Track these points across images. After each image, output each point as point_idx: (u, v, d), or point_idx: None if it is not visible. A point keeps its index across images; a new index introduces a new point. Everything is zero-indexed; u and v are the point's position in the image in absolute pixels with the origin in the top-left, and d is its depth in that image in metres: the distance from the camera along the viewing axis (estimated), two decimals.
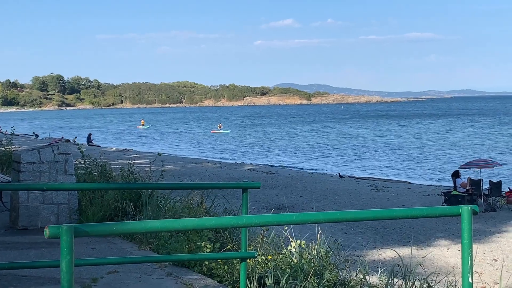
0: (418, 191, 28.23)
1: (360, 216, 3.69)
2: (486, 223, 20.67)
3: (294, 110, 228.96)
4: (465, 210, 3.62)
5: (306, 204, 24.19)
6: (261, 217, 3.38)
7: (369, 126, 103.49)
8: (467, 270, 3.61)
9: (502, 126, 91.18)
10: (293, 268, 6.95)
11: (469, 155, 47.07)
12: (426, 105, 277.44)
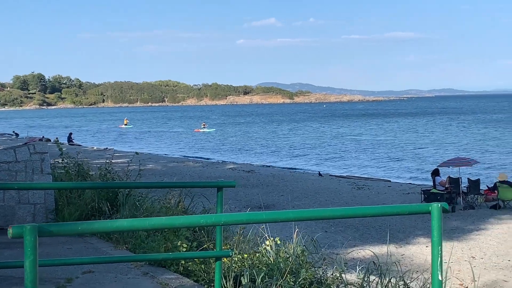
0: (398, 189, 28.37)
1: (330, 214, 3.69)
2: (465, 221, 20.81)
3: (276, 109, 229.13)
4: (434, 208, 3.63)
5: (287, 202, 24.21)
6: (231, 216, 3.37)
7: (350, 125, 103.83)
8: (437, 267, 3.63)
9: (480, 125, 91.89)
10: (269, 266, 6.94)
11: (448, 154, 47.38)
12: (407, 104, 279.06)
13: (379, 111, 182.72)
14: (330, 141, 67.79)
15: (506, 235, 18.19)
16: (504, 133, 72.12)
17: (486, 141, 61.64)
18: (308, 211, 3.62)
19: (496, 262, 15.06)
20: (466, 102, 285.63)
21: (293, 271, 6.87)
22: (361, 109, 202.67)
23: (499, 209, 22.65)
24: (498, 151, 50.84)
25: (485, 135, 70.97)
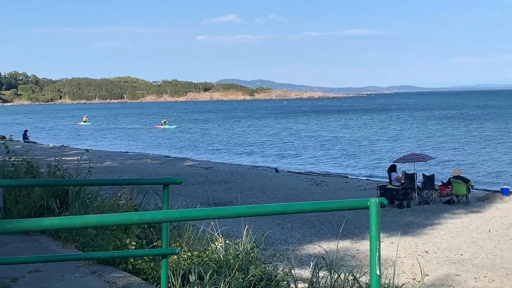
0: (355, 185, 28.61)
1: (270, 210, 3.67)
2: (420, 216, 21.09)
3: (236, 105, 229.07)
4: (373, 203, 3.64)
5: (245, 199, 24.23)
6: (167, 213, 3.32)
7: (309, 121, 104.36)
8: (375, 262, 3.64)
9: (435, 121, 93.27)
10: (219, 264, 6.91)
11: (404, 149, 47.99)
12: (366, 101, 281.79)
13: (338, 107, 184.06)
14: (288, 138, 68.04)
15: (459, 230, 18.48)
16: (458, 129, 73.36)
17: (441, 137, 62.59)
18: (247, 207, 3.60)
19: (448, 257, 15.28)
20: (423, 99, 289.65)
21: (242, 268, 6.85)
22: (320, 106, 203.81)
23: (452, 204, 23.01)
24: (452, 146, 51.65)
25: (440, 131, 72.08)
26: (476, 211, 21.53)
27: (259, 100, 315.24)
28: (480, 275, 13.48)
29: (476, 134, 65.28)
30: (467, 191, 23.08)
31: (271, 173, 34.69)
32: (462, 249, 16.06)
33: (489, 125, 78.77)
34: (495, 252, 15.57)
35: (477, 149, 48.68)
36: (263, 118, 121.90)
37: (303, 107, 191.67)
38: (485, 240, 16.99)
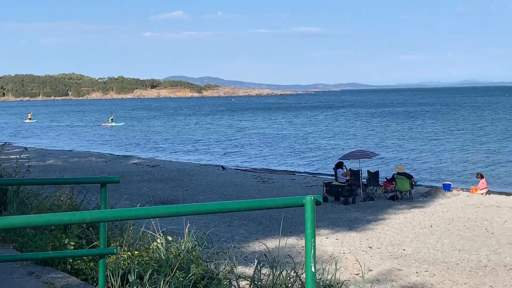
0: (302, 182, 28.78)
1: (205, 209, 3.63)
2: (364, 212, 21.34)
3: (184, 103, 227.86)
4: (308, 200, 3.63)
5: (192, 197, 24.13)
6: (98, 213, 3.26)
7: (256, 118, 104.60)
8: (310, 259, 3.64)
9: (380, 118, 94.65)
10: (159, 263, 6.84)
11: (350, 146, 48.58)
12: (314, 98, 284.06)
13: (285, 104, 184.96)
14: (235, 135, 68.11)
15: (402, 225, 18.77)
16: (402, 126, 74.59)
17: (385, 134, 63.57)
18: (182, 206, 3.56)
19: (391, 252, 15.49)
20: (369, 96, 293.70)
21: (183, 266, 6.79)
22: (268, 103, 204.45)
23: (396, 200, 23.38)
24: (395, 143, 52.50)
25: (384, 128, 73.20)
26: (419, 207, 21.91)
27: (207, 97, 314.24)
28: (421, 270, 13.71)
29: (419, 131, 66.51)
30: (411, 187, 23.50)
31: (218, 171, 34.64)
32: (405, 244, 16.30)
33: (431, 122, 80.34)
34: (437, 246, 15.86)
35: (420, 146, 49.61)
36: (211, 115, 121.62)
37: (251, 104, 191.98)
38: (427, 235, 17.29)
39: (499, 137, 55.19)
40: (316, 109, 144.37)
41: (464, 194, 24.57)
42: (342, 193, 22.97)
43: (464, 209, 21.17)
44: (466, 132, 62.78)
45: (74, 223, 3.15)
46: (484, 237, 16.90)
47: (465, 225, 18.58)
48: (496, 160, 39.28)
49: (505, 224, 18.57)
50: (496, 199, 23.47)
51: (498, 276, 13.11)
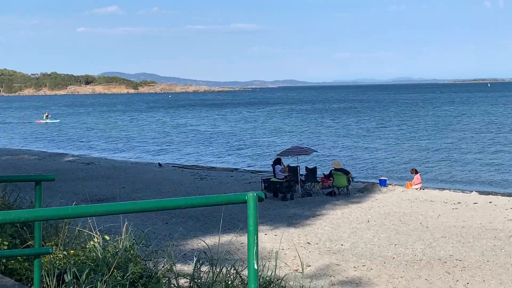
0: (240, 179, 28.78)
1: (142, 207, 3.52)
2: (303, 208, 21.47)
3: (119, 99, 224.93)
4: (250, 197, 3.58)
5: (128, 194, 23.79)
6: (33, 212, 3.11)
7: (193, 115, 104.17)
8: (253, 256, 3.58)
9: (317, 114, 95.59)
10: (96, 262, 6.67)
11: (286, 142, 48.95)
12: (251, 94, 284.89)
13: (223, 101, 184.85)
14: (171, 132, 67.70)
15: (339, 220, 18.97)
16: (338, 123, 75.53)
17: (321, 130, 64.27)
18: (121, 204, 3.44)
19: (329, 247, 15.63)
20: (306, 93, 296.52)
21: (121, 265, 6.64)
22: (205, 100, 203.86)
23: (334, 195, 23.61)
24: (332, 140, 53.11)
25: (320, 124, 73.96)
26: (356, 202, 22.19)
27: (143, 94, 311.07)
28: (359, 264, 13.87)
29: (354, 127, 67.48)
30: (348, 183, 23.77)
31: (155, 168, 34.31)
32: (343, 239, 16.48)
33: (366, 119, 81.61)
34: (374, 241, 16.09)
35: (355, 142, 50.35)
36: (146, 112, 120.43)
37: (188, 101, 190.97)
38: (364, 230, 17.52)
39: (430, 134, 56.49)
40: (253, 105, 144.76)
41: (399, 189, 25.01)
42: (281, 190, 23.04)
43: (399, 204, 21.57)
44: (400, 128, 64.03)
45: (8, 222, 3.01)
46: (419, 231, 17.24)
47: (400, 219, 18.93)
48: (429, 156, 40.17)
49: (439, 218, 19.00)
50: (430, 194, 23.99)
51: (433, 269, 13.38)
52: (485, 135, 53.29)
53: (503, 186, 28.47)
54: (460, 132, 57.36)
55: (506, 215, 19.10)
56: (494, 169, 33.77)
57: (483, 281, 12.45)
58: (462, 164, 36.27)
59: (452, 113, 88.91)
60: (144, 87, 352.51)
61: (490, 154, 40.39)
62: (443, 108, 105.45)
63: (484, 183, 29.29)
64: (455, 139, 50.34)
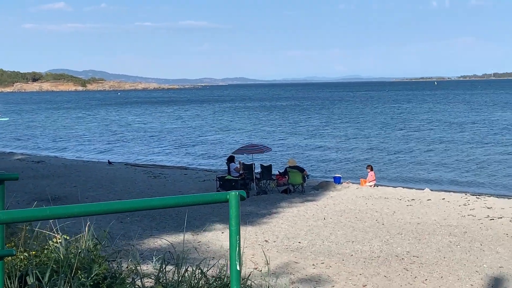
0: (194, 177, 28.59)
1: (125, 206, 3.40)
2: (258, 205, 21.43)
3: (68, 96, 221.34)
4: (232, 196, 3.48)
5: (81, 193, 23.32)
6: (5, 214, 2.95)
7: (143, 112, 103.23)
8: (235, 257, 3.49)
9: (267, 112, 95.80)
10: (59, 263, 6.46)
11: (236, 140, 48.93)
12: (202, 92, 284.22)
13: (173, 98, 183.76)
14: (120, 129, 67.02)
15: (296, 218, 18.98)
16: (289, 120, 75.83)
17: (272, 128, 64.45)
18: (105, 204, 3.31)
19: (287, 245, 15.61)
20: (256, 90, 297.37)
21: (85, 266, 6.45)
22: (155, 97, 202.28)
23: (289, 193, 23.63)
24: (283, 137, 53.27)
25: (271, 122, 74.12)
26: (311, 200, 22.25)
27: (92, 91, 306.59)
28: (318, 262, 13.88)
29: (304, 124, 67.90)
30: (303, 181, 23.81)
31: (106, 166, 33.82)
32: (300, 236, 16.48)
33: (316, 116, 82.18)
34: (331, 238, 16.13)
35: (306, 140, 50.61)
36: (95, 109, 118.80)
37: (137, 98, 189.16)
38: (321, 228, 17.56)
39: (379, 132, 57.20)
40: (203, 103, 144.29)
41: (353, 186, 25.21)
42: (236, 187, 22.92)
43: (354, 201, 21.71)
44: (349, 126, 64.64)
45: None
46: (375, 228, 17.37)
47: (356, 216, 19.04)
48: (379, 154, 40.66)
49: (394, 215, 19.19)
50: (384, 191, 24.25)
51: (391, 266, 13.48)
52: (433, 133, 54.23)
53: (453, 183, 29.01)
54: (408, 130, 58.30)
55: (459, 212, 19.43)
56: (443, 166, 34.36)
57: (441, 277, 12.59)
58: (413, 161, 36.84)
59: (400, 111, 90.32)
60: (93, 84, 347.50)
61: (439, 152, 41.07)
62: (391, 106, 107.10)
63: (435, 181, 29.76)
64: (404, 137, 51.15)
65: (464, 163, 35.68)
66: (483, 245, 15.16)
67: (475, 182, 29.11)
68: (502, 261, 13.71)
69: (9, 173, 5.33)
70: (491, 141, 46.37)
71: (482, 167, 33.79)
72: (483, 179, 29.97)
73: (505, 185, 28.08)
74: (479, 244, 15.26)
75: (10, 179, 5.35)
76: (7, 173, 5.41)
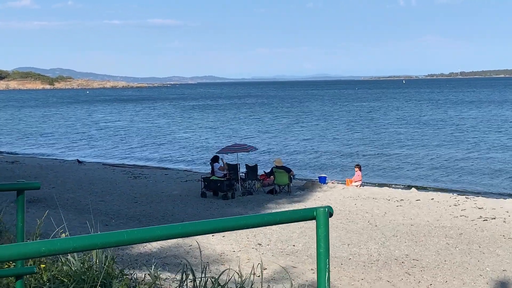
0: (175, 177, 27.98)
1: (217, 226, 2.92)
2: (245, 207, 20.96)
3: (35, 95, 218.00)
4: (321, 212, 3.03)
5: (60, 195, 22.69)
6: (80, 239, 2.46)
7: (112, 111, 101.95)
8: (324, 283, 3.03)
9: (236, 110, 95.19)
10: (74, 278, 5.93)
11: (208, 139, 48.46)
12: (171, 90, 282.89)
13: (142, 97, 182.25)
14: (89, 128, 66.15)
15: None
16: (257, 118, 75.43)
17: (242, 126, 64.00)
18: (190, 224, 2.83)
19: (281, 248, 15.19)
20: (225, 89, 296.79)
21: (104, 282, 5.94)
22: (124, 95, 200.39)
23: (275, 193, 23.17)
24: (255, 135, 52.80)
25: (240, 119, 73.64)
26: (299, 201, 21.85)
27: (60, 90, 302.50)
28: (316, 266, 13.45)
29: (278, 122, 67.63)
30: (289, 181, 23.36)
31: (83, 167, 32.99)
32: (293, 239, 16.06)
33: (290, 114, 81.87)
34: None
35: (278, 138, 50.24)
36: (64, 107, 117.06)
37: (107, 96, 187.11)
38: (313, 229, 17.00)
39: (353, 130, 57.11)
40: (173, 100, 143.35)
41: (339, 186, 24.84)
42: (221, 188, 22.38)
43: (343, 202, 21.36)
44: (320, 124, 64.35)
45: (52, 254, 2.33)
46: (369, 230, 17.02)
47: (347, 218, 18.69)
48: (357, 152, 40.40)
49: (385, 216, 18.87)
50: (371, 191, 23.94)
51: (392, 270, 13.13)
52: (404, 131, 54.28)
53: (436, 181, 28.84)
54: (381, 127, 58.32)
55: (451, 212, 19.18)
56: (423, 165, 34.20)
57: (445, 281, 12.28)
58: (391, 159, 36.61)
59: (370, 109, 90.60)
60: (61, 82, 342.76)
61: (418, 151, 40.95)
62: (362, 104, 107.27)
63: (418, 179, 29.54)
64: (377, 135, 51.13)
65: (444, 161, 35.62)
66: (481, 247, 14.90)
67: (458, 181, 29.00)
68: (504, 263, 13.45)
69: (30, 182, 4.83)
70: (467, 139, 46.47)
71: (464, 165, 33.72)
72: (465, 177, 29.88)
73: (491, 184, 28.00)
74: (478, 246, 15.00)
75: (31, 188, 4.86)
76: (27, 182, 4.90)
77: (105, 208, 20.61)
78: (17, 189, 4.67)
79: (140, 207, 20.71)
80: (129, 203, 21.47)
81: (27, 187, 4.73)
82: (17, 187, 4.67)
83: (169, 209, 20.47)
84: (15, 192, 4.74)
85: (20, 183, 4.71)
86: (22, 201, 4.68)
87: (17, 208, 4.70)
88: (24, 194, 4.71)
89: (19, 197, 4.66)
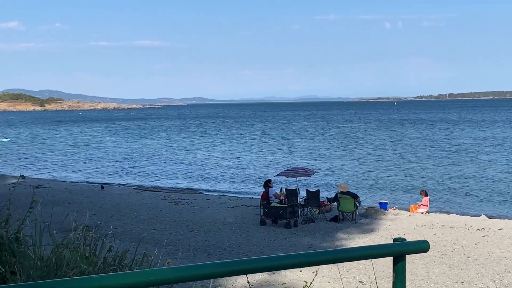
0: (218, 203, 26.20)
1: None
2: (314, 236, 19.24)
3: (27, 116, 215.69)
4: None
5: (106, 223, 20.77)
6: None
7: (115, 133, 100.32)
8: None
9: (229, 129, 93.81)
10: None
11: (217, 160, 46.87)
12: (162, 111, 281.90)
13: (137, 117, 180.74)
14: (92, 151, 64.29)
15: None
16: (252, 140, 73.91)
17: (237, 146, 62.37)
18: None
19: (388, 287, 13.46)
20: (215, 110, 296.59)
21: None
22: (119, 116, 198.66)
23: (339, 221, 21.42)
24: (249, 158, 51.10)
25: (234, 140, 72.11)
26: (370, 230, 20.07)
27: (51, 111, 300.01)
28: None
29: (263, 144, 65.97)
30: (355, 208, 21.59)
31: (114, 191, 31.14)
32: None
33: (278, 133, 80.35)
34: (432, 279, 14.05)
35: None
36: (58, 127, 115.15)
37: (102, 118, 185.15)
38: (410, 264, 15.45)
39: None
40: (166, 120, 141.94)
41: (403, 213, 23.12)
42: (283, 215, 20.60)
43: (420, 231, 19.63)
44: (344, 145, 62.81)
45: None
46: (472, 264, 15.32)
47: (437, 250, 16.96)
48: (402, 175, 38.69)
49: (479, 248, 17.15)
50: (441, 218, 22.23)
51: None
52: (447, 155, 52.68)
53: (493, 207, 27.18)
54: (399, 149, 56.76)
55: None
56: (471, 189, 32.45)
57: None
58: (442, 183, 34.68)
59: (358, 131, 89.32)
60: (51, 104, 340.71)
61: (466, 174, 39.35)
62: (352, 125, 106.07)
63: (476, 204, 27.84)
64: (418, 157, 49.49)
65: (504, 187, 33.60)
66: None
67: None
68: None
69: (415, 242, 3.18)
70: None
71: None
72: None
73: None
74: None
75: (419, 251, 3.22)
76: (408, 241, 3.24)
77: (161, 237, 18.82)
78: (398, 254, 3.01)
79: (200, 237, 18.95)
80: (185, 232, 19.72)
81: (412, 250, 3.05)
82: (399, 250, 3.00)
83: (232, 239, 18.73)
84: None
85: (402, 243, 3.05)
86: (402, 268, 3.03)
87: (395, 277, 3.05)
88: (405, 259, 3.07)
89: (398, 264, 3.00)
